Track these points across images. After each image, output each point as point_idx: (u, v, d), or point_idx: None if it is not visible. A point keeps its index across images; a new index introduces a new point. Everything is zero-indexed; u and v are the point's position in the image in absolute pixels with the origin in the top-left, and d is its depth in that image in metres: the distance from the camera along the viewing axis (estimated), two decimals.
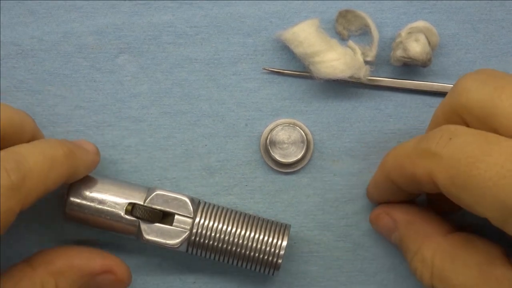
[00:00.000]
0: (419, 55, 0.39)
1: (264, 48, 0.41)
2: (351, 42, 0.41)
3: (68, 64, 0.41)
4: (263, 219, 0.38)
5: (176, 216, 0.37)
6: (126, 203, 0.37)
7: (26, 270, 0.33)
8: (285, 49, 0.41)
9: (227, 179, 0.41)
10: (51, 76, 0.41)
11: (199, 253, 0.37)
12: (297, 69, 0.41)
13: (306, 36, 0.39)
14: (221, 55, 0.41)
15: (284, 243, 0.37)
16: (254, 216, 0.38)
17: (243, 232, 0.37)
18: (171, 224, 0.37)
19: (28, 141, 0.36)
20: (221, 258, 0.37)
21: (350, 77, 0.39)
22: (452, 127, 0.31)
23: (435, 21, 0.41)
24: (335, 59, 0.39)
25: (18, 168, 0.31)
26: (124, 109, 0.41)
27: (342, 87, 0.41)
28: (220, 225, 0.37)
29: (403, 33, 0.40)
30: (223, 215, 0.37)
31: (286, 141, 0.40)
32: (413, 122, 0.41)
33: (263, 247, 0.37)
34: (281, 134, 0.40)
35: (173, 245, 0.37)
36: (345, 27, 0.41)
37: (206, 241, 0.37)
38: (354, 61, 0.39)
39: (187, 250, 0.37)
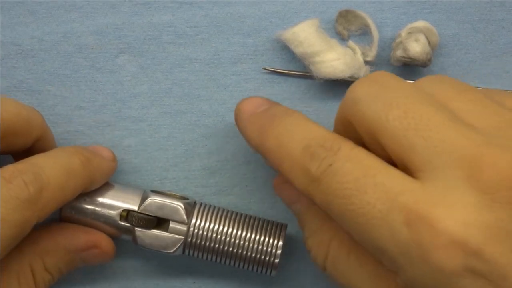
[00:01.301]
0: (419, 55, 0.39)
1: (264, 48, 0.41)
2: (351, 42, 0.41)
3: (68, 64, 0.41)
4: (260, 218, 0.38)
5: (170, 223, 0.37)
6: (120, 209, 0.37)
7: (13, 252, 0.33)
8: (285, 49, 0.41)
9: (227, 179, 0.41)
10: (51, 76, 0.41)
11: (196, 254, 0.37)
12: (297, 69, 0.41)
13: (306, 36, 0.39)
14: (221, 55, 0.41)
15: (281, 243, 0.37)
16: (251, 216, 0.38)
17: (239, 233, 0.37)
18: (166, 230, 0.37)
19: (36, 137, 0.36)
20: (218, 259, 0.37)
21: (350, 77, 0.39)
22: (336, 146, 0.29)
23: (435, 21, 0.41)
24: (335, 59, 0.39)
25: (36, 180, 0.32)
26: (124, 109, 0.41)
27: (342, 87, 0.41)
28: (216, 226, 0.37)
29: (403, 33, 0.40)
30: (219, 216, 0.37)
31: None
32: None
33: (260, 247, 0.37)
34: None
35: (168, 251, 0.37)
36: (345, 27, 0.41)
37: (202, 243, 0.37)
38: (354, 61, 0.39)
39: (183, 253, 0.37)
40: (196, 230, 0.36)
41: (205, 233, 0.37)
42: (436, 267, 0.26)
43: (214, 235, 0.37)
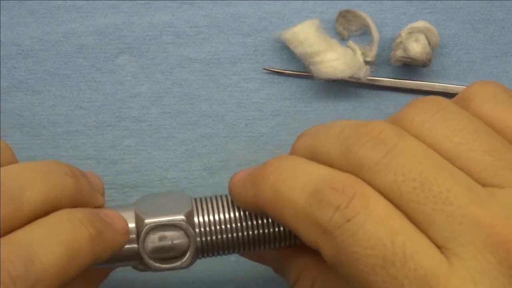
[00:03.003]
0: (419, 55, 0.39)
1: (264, 48, 0.41)
2: (351, 42, 0.41)
3: (68, 64, 0.41)
4: None
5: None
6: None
7: None
8: (285, 49, 0.41)
9: (227, 179, 0.41)
10: (51, 76, 0.41)
11: (212, 254, 0.33)
12: (297, 69, 0.41)
13: (306, 36, 0.39)
14: (221, 55, 0.41)
15: None
16: None
17: (246, 214, 0.32)
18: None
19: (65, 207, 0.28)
20: (237, 249, 0.33)
21: (350, 77, 0.39)
22: (350, 190, 0.25)
23: (435, 21, 0.41)
24: (335, 59, 0.39)
25: (27, 275, 0.24)
26: (124, 109, 0.41)
27: (342, 87, 0.41)
28: (223, 216, 0.32)
29: (403, 33, 0.40)
30: (220, 205, 0.33)
31: None
32: None
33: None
34: None
35: (186, 266, 0.32)
36: (345, 27, 0.41)
37: (216, 238, 0.32)
38: (354, 61, 0.39)
39: (199, 258, 0.33)
40: (203, 228, 0.32)
41: (213, 227, 0.32)
42: None
43: (224, 226, 0.32)
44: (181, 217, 0.31)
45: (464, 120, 0.27)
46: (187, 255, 0.32)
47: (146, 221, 0.31)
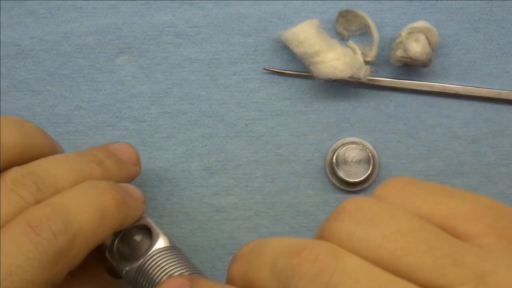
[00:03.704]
0: (419, 55, 0.39)
1: (264, 48, 0.41)
2: (351, 42, 0.41)
3: (68, 64, 0.41)
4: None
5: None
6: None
7: None
8: (285, 49, 0.41)
9: (227, 179, 0.41)
10: (51, 76, 0.41)
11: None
12: (297, 69, 0.41)
13: (306, 36, 0.39)
14: (221, 55, 0.41)
15: None
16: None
17: None
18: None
19: (38, 156, 0.32)
20: None
21: (350, 77, 0.39)
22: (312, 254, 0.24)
23: (435, 21, 0.41)
24: (335, 59, 0.39)
25: (67, 230, 0.28)
26: (124, 109, 0.41)
27: (342, 87, 0.41)
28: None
29: (403, 33, 0.40)
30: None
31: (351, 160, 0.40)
32: (413, 122, 0.41)
33: None
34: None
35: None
36: (345, 27, 0.41)
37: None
38: (354, 61, 0.39)
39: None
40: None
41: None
42: None
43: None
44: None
45: (393, 221, 0.25)
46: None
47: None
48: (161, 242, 0.33)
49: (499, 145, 0.41)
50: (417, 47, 0.39)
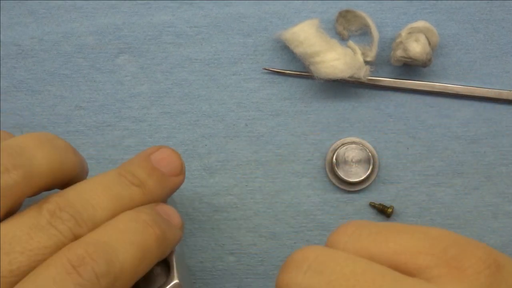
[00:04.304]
0: (419, 55, 0.39)
1: (264, 48, 0.41)
2: (351, 42, 0.41)
3: (68, 64, 0.41)
4: None
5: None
6: None
7: None
8: (285, 49, 0.41)
9: (227, 179, 0.41)
10: (51, 76, 0.41)
11: None
12: (297, 69, 0.41)
13: (306, 36, 0.39)
14: (221, 55, 0.41)
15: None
16: None
17: None
18: None
19: (69, 178, 0.30)
20: None
21: (350, 77, 0.39)
22: None
23: (435, 21, 0.41)
24: (335, 59, 0.39)
25: (109, 273, 0.26)
26: (124, 109, 0.41)
27: (342, 87, 0.41)
28: None
29: (403, 33, 0.40)
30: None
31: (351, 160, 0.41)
32: (413, 122, 0.41)
33: None
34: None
35: None
36: (345, 27, 0.41)
37: None
38: (354, 61, 0.39)
39: None
40: None
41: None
42: None
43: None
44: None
45: (337, 267, 0.26)
46: None
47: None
48: (175, 285, 0.31)
49: (499, 145, 0.41)
50: (417, 47, 0.39)
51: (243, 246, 0.41)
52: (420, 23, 0.40)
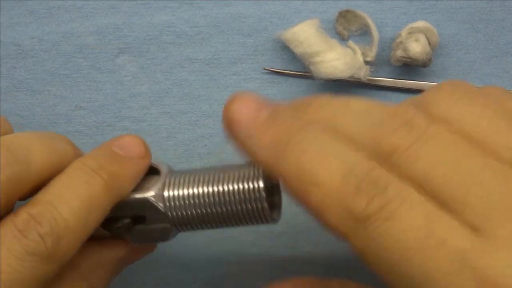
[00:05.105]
0: (419, 55, 0.39)
1: (264, 48, 0.41)
2: (351, 42, 0.41)
3: (68, 64, 0.41)
4: (234, 166, 0.33)
5: (148, 218, 0.33)
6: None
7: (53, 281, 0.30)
8: (285, 49, 0.41)
9: None
10: (51, 76, 0.41)
11: (187, 228, 0.33)
12: (297, 69, 0.41)
13: (306, 36, 0.39)
14: (221, 55, 0.41)
15: (261, 184, 0.31)
16: (224, 166, 0.33)
17: (217, 189, 0.32)
18: (148, 222, 0.33)
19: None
20: (211, 225, 0.33)
21: (350, 77, 0.39)
22: (384, 180, 0.24)
23: (435, 21, 0.41)
24: (335, 59, 0.39)
25: (53, 231, 0.28)
26: (124, 109, 0.41)
27: (342, 87, 0.41)
28: (192, 191, 0.32)
29: (403, 33, 0.40)
30: (191, 179, 0.33)
31: None
32: None
33: (242, 196, 0.32)
34: None
35: (164, 239, 0.33)
36: (345, 27, 0.41)
37: (187, 213, 0.32)
38: (354, 61, 0.39)
39: (178, 230, 0.34)
40: (173, 203, 0.32)
41: (184, 201, 0.32)
42: None
43: (191, 200, 0.32)
44: (148, 194, 0.32)
45: (491, 106, 0.26)
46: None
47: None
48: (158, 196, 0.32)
49: None
50: (417, 47, 0.39)
51: (243, 246, 0.41)
52: (420, 23, 0.40)
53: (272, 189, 0.33)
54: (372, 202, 0.24)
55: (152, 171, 0.33)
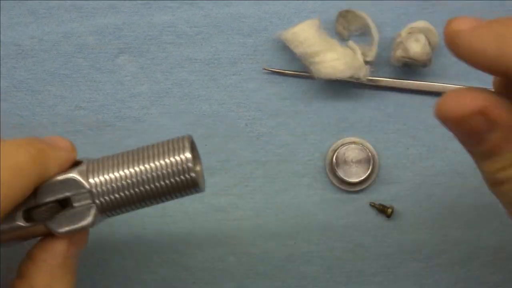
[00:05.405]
0: (419, 55, 0.39)
1: (264, 48, 0.41)
2: (351, 42, 0.41)
3: (68, 64, 0.41)
4: (159, 143, 0.33)
5: (72, 197, 0.32)
6: (19, 211, 0.33)
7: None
8: (285, 49, 0.41)
9: (227, 179, 0.41)
10: (51, 76, 0.41)
11: (116, 211, 0.33)
12: (297, 69, 0.41)
13: (306, 36, 0.39)
14: (221, 55, 0.41)
15: (188, 155, 0.32)
16: (148, 146, 0.34)
17: (143, 167, 0.33)
18: (72, 206, 0.33)
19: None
20: (140, 204, 0.33)
21: (350, 77, 0.39)
22: None
23: (435, 21, 0.41)
24: (335, 59, 0.39)
25: None
26: (124, 109, 0.41)
27: (342, 87, 0.41)
28: (117, 174, 0.33)
29: (403, 33, 0.40)
30: (115, 163, 0.33)
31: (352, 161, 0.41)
32: (413, 122, 0.41)
33: (170, 170, 0.32)
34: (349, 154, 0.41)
35: (88, 224, 0.33)
36: (345, 27, 0.41)
37: (113, 197, 0.33)
38: (354, 61, 0.39)
39: (103, 216, 0.33)
40: (99, 188, 0.32)
41: (110, 186, 0.32)
42: None
43: (119, 183, 0.32)
44: (71, 174, 0.33)
45: None
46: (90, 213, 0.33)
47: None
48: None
49: None
50: (417, 47, 0.39)
51: (243, 246, 0.41)
52: (420, 23, 0.40)
53: (195, 160, 0.33)
54: None
55: (77, 165, 0.34)
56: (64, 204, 0.33)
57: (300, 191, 0.41)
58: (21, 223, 0.32)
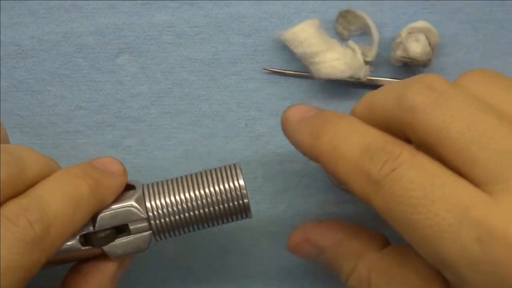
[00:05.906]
0: (419, 55, 0.39)
1: (264, 48, 0.41)
2: (351, 42, 0.41)
3: (68, 64, 0.41)
4: (211, 170, 0.35)
5: (130, 225, 0.34)
6: (77, 236, 0.33)
7: None
8: (285, 49, 0.41)
9: None
10: (51, 76, 0.41)
11: (170, 235, 0.35)
12: (297, 69, 0.41)
13: (306, 36, 0.39)
14: (221, 55, 0.41)
15: (242, 182, 0.34)
16: (201, 172, 0.35)
17: (197, 193, 0.34)
18: (129, 233, 0.34)
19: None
20: (192, 228, 0.35)
21: (350, 77, 0.39)
22: (397, 150, 0.28)
23: (435, 21, 0.41)
24: (335, 59, 0.39)
25: (42, 218, 0.29)
26: (124, 109, 0.41)
27: (342, 87, 0.41)
28: (173, 198, 0.34)
29: (403, 33, 0.40)
30: (171, 188, 0.35)
31: None
32: None
33: (224, 196, 0.34)
34: None
35: (144, 248, 0.34)
36: (345, 27, 0.41)
37: (170, 220, 0.34)
38: (354, 61, 0.39)
39: (157, 240, 0.35)
40: (156, 212, 0.34)
41: (166, 210, 0.34)
42: (511, 284, 0.25)
43: (175, 207, 0.34)
44: (130, 202, 0.34)
45: (499, 81, 0.31)
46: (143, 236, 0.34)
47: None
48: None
49: None
50: (417, 47, 0.39)
51: (243, 246, 0.41)
52: (420, 23, 0.40)
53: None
54: (384, 167, 0.28)
55: (129, 189, 0.35)
56: (121, 228, 0.34)
57: (300, 191, 0.41)
58: (78, 247, 0.33)
